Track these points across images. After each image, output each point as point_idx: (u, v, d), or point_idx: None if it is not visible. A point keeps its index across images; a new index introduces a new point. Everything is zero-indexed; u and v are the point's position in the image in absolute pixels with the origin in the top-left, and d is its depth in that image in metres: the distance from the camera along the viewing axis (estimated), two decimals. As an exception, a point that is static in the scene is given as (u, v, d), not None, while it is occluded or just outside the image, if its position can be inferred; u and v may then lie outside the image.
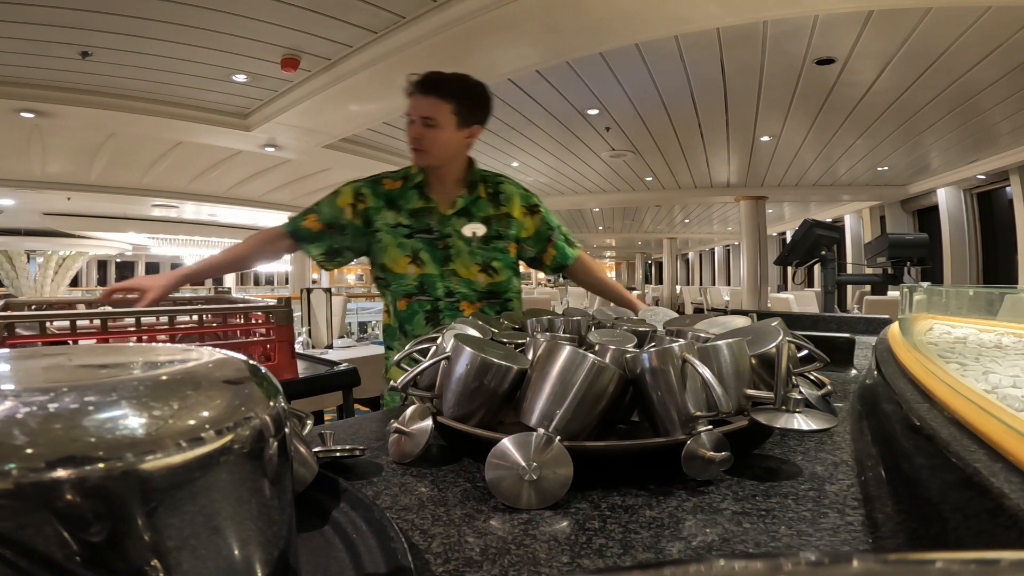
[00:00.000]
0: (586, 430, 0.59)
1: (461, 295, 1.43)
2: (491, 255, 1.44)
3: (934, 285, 1.15)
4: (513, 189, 1.50)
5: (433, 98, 1.35)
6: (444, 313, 1.43)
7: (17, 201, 8.81)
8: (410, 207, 1.42)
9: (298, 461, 0.47)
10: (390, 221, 1.41)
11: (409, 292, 1.43)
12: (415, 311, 1.43)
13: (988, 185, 8.74)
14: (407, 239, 1.41)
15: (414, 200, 1.42)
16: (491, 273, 1.44)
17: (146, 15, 3.73)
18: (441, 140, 1.36)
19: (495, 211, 1.46)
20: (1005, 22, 3.82)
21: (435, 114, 1.34)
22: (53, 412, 0.22)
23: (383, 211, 1.42)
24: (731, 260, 20.35)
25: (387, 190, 1.43)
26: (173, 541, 0.23)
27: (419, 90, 1.35)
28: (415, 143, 1.36)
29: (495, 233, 1.44)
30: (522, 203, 1.49)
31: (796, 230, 3.63)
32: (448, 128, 1.36)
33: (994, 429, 0.39)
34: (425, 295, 1.43)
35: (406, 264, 1.41)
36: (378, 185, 1.44)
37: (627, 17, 3.73)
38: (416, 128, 1.34)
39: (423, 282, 1.42)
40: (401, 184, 1.44)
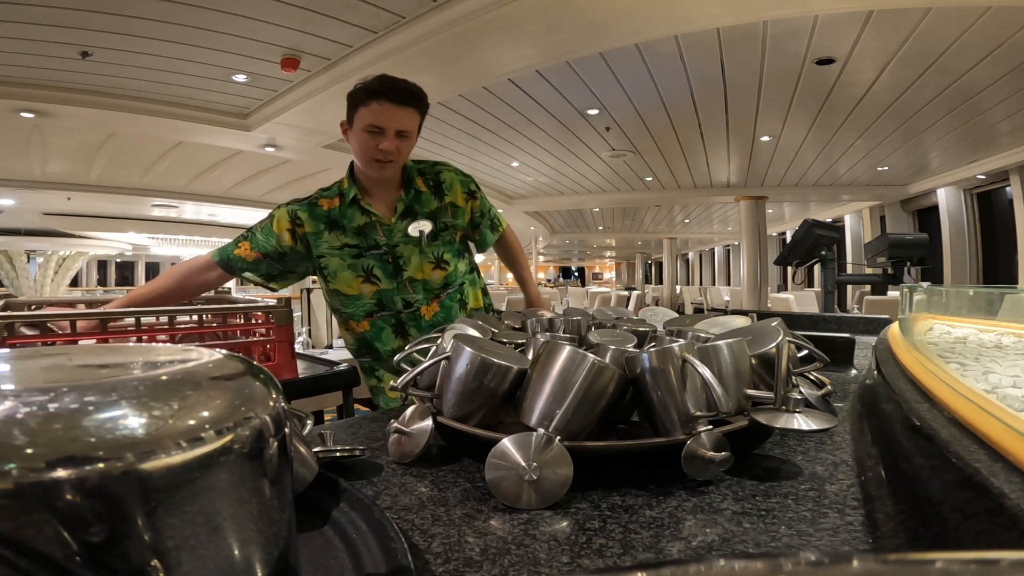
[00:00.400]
0: (586, 430, 0.59)
1: (418, 301, 1.39)
2: (441, 249, 1.39)
3: (934, 285, 1.15)
4: (453, 176, 1.43)
5: (411, 109, 1.27)
6: (408, 324, 1.39)
7: (17, 201, 8.81)
8: (354, 225, 1.34)
9: (298, 461, 0.47)
10: (335, 244, 1.34)
11: (369, 311, 1.38)
12: (380, 327, 1.39)
13: (988, 185, 8.74)
14: (356, 259, 1.35)
15: (356, 217, 1.35)
16: (443, 266, 1.40)
17: (146, 15, 3.73)
18: (409, 148, 1.31)
19: (439, 203, 1.39)
20: (1005, 22, 3.82)
21: (411, 126, 1.28)
22: (53, 412, 0.22)
23: (324, 234, 1.34)
24: (731, 260, 20.35)
25: (326, 211, 1.35)
26: (173, 541, 0.23)
27: (394, 100, 1.24)
28: (387, 156, 1.26)
29: (442, 226, 1.39)
30: (462, 189, 1.43)
31: (796, 230, 3.63)
32: (414, 139, 1.32)
33: (994, 429, 0.39)
34: (386, 311, 1.38)
35: (359, 285, 1.36)
36: (315, 207, 1.36)
37: (627, 17, 3.73)
38: (390, 142, 1.25)
39: (381, 298, 1.37)
40: (339, 201, 1.36)
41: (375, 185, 1.36)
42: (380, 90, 1.24)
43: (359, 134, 1.27)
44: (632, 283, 28.72)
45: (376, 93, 1.24)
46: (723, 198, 10.64)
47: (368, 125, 1.25)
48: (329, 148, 6.77)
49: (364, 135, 1.26)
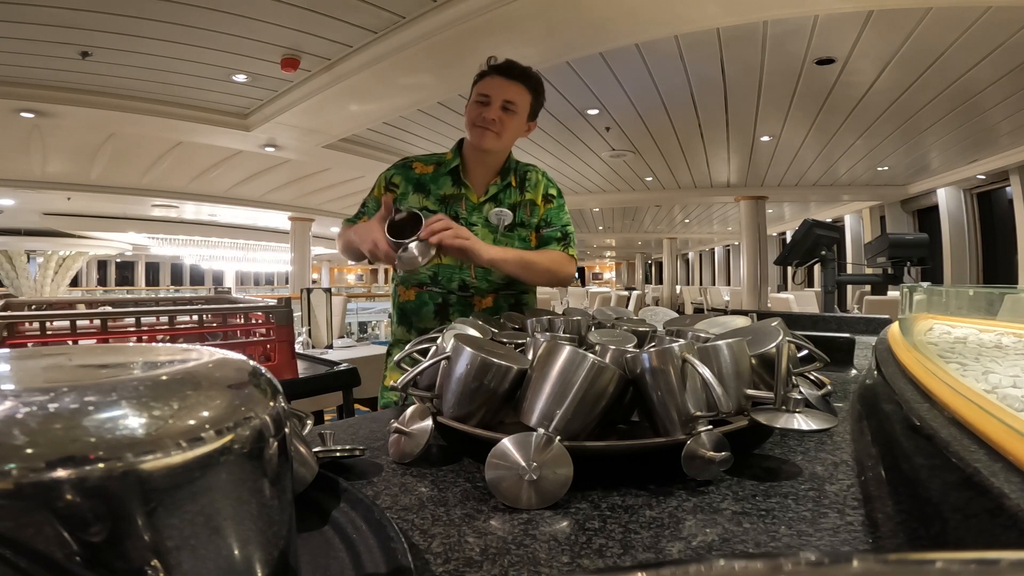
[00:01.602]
0: (586, 430, 0.59)
1: (476, 289, 1.40)
2: (515, 243, 1.41)
3: (934, 285, 1.15)
4: (540, 177, 1.48)
5: (519, 85, 1.34)
6: (454, 308, 1.40)
7: (17, 201, 8.82)
8: (441, 192, 1.39)
9: (298, 461, 0.47)
10: (415, 204, 1.37)
11: (421, 282, 1.40)
12: (424, 302, 1.40)
13: (988, 185, 8.74)
14: None
15: (447, 186, 1.39)
16: None
17: (146, 15, 3.74)
18: (514, 127, 1.36)
19: (520, 198, 1.44)
20: (1005, 22, 3.82)
21: (518, 100, 1.34)
22: (53, 412, 0.22)
23: (408, 196, 1.39)
24: (731, 260, 20.36)
25: (418, 174, 1.41)
26: (173, 541, 0.23)
27: (504, 74, 1.34)
28: (489, 124, 1.33)
29: (519, 221, 1.42)
30: (544, 190, 1.47)
31: (796, 230, 3.63)
32: (522, 117, 1.37)
33: (994, 429, 0.39)
34: (437, 287, 1.40)
35: None
36: (409, 170, 1.42)
37: (627, 17, 3.73)
38: (494, 110, 1.32)
39: (438, 272, 1.39)
40: (434, 169, 1.41)
41: (477, 164, 1.41)
42: (494, 66, 1.35)
43: (470, 105, 1.36)
44: (632, 283, 28.73)
45: (491, 68, 1.35)
46: (723, 198, 10.64)
47: (478, 94, 1.34)
48: (329, 148, 6.77)
49: (473, 105, 1.35)
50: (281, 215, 11.15)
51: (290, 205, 10.74)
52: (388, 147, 7.32)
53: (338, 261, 29.85)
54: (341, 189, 9.47)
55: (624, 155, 7.95)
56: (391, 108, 5.49)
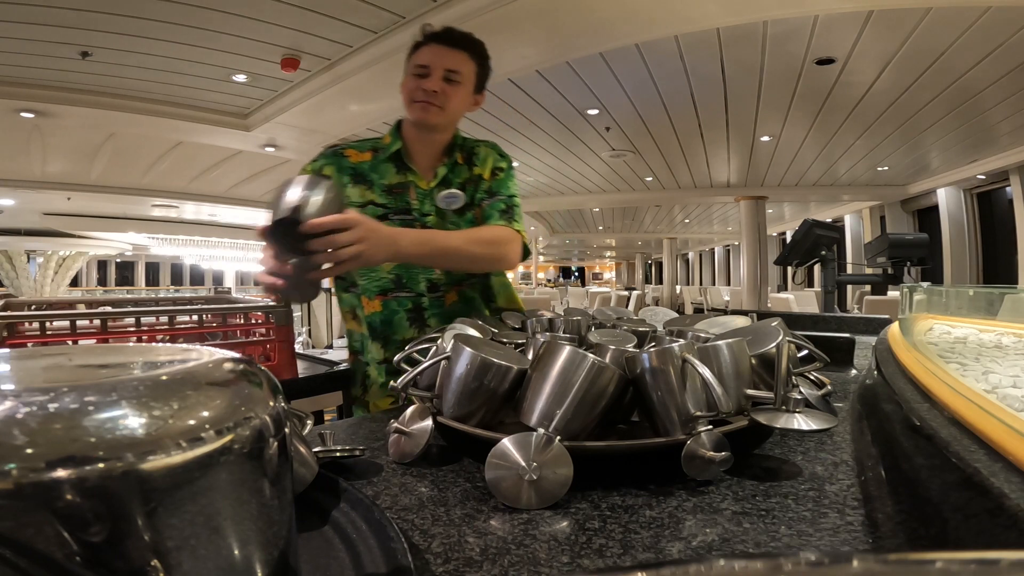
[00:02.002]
0: (586, 430, 0.59)
1: (445, 285, 1.24)
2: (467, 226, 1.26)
3: (934, 285, 1.15)
4: (489, 150, 1.32)
5: (462, 53, 1.19)
6: (429, 311, 1.24)
7: (17, 201, 8.82)
8: (385, 182, 1.21)
9: (298, 461, 0.47)
10: (357, 199, 1.19)
11: (384, 288, 1.22)
12: (394, 311, 1.23)
13: (988, 185, 8.74)
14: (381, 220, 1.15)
15: (390, 174, 1.22)
16: None
17: (146, 15, 3.74)
18: (459, 99, 1.20)
19: (469, 174, 1.28)
20: (1005, 22, 3.82)
21: (462, 69, 1.18)
22: (53, 412, 0.22)
23: (347, 188, 1.20)
24: (731, 260, 20.35)
25: (353, 164, 1.22)
26: (173, 541, 0.23)
27: (444, 41, 1.18)
28: (430, 97, 1.16)
29: (469, 199, 1.26)
30: (492, 164, 1.30)
31: (796, 230, 3.63)
32: (468, 88, 1.22)
33: (994, 429, 0.39)
34: (404, 291, 1.23)
35: None
36: (341, 158, 1.23)
37: (627, 17, 3.73)
38: (435, 81, 1.16)
39: (401, 275, 1.22)
40: (371, 156, 1.24)
41: (421, 145, 1.25)
42: (431, 34, 1.19)
43: (406, 79, 1.19)
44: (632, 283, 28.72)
45: (427, 37, 1.19)
46: (723, 198, 10.64)
47: (415, 66, 1.17)
48: (329, 148, 6.77)
49: (410, 78, 1.18)
50: (281, 215, 11.11)
51: (290, 205, 10.72)
52: (388, 147, 7.31)
53: (338, 261, 29.71)
54: (341, 189, 9.46)
55: (624, 155, 7.95)
56: (391, 108, 5.48)
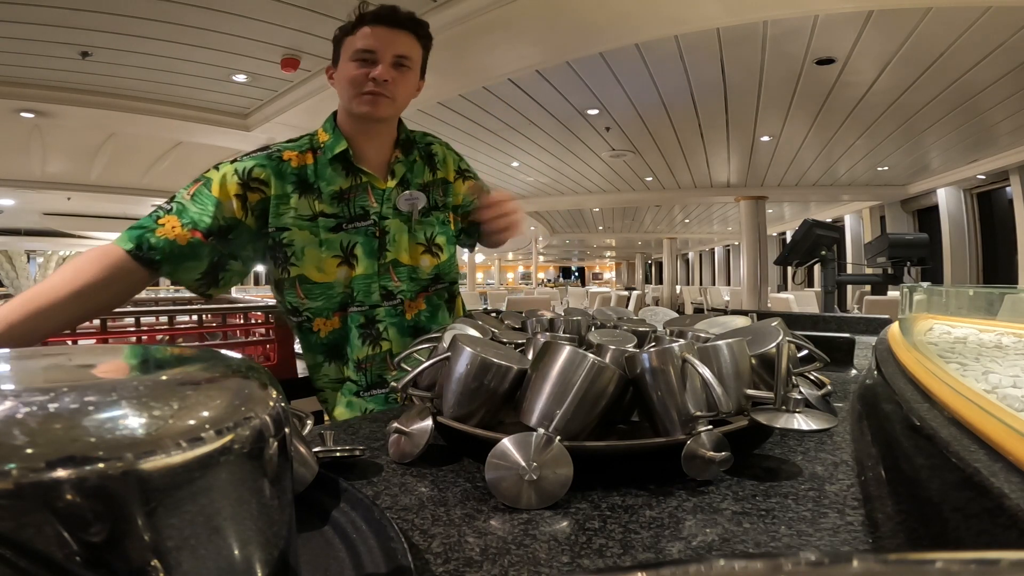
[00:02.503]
0: (586, 430, 0.59)
1: (403, 293, 1.12)
2: (434, 230, 1.16)
3: (934, 285, 1.15)
4: (445, 150, 1.23)
5: (410, 35, 1.06)
6: (384, 322, 1.11)
7: (17, 201, 8.82)
8: (333, 188, 1.07)
9: (298, 461, 0.47)
10: (305, 212, 1.04)
11: (342, 303, 1.09)
12: (353, 323, 1.10)
13: (988, 185, 8.75)
14: (333, 233, 1.06)
15: (338, 179, 1.07)
16: (436, 252, 1.16)
17: (146, 15, 3.74)
18: (408, 88, 1.08)
19: (431, 176, 1.18)
20: (1005, 22, 3.82)
21: (411, 54, 1.05)
22: (53, 412, 0.22)
23: (291, 199, 1.04)
24: (731, 260, 20.36)
25: (295, 168, 1.06)
26: (173, 541, 0.23)
27: (390, 23, 1.03)
28: (381, 87, 1.02)
29: (435, 203, 1.17)
30: (454, 166, 1.23)
31: (796, 230, 3.63)
32: (415, 75, 1.09)
33: (994, 429, 0.39)
34: (356, 305, 1.10)
35: (334, 268, 1.07)
36: (281, 163, 1.05)
37: (627, 17, 3.73)
38: (386, 68, 1.02)
39: (354, 288, 1.09)
40: (312, 158, 1.08)
41: (367, 141, 1.11)
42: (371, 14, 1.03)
43: (346, 66, 1.04)
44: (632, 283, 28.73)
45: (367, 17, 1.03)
46: (723, 198, 10.65)
47: (357, 51, 1.02)
48: (329, 148, 6.77)
49: (352, 65, 1.03)
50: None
51: (290, 205, 10.73)
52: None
53: (338, 261, 29.71)
54: (341, 189, 9.47)
55: (624, 155, 7.96)
56: (391, 108, 5.49)
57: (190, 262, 0.97)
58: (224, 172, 1.01)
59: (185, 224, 0.96)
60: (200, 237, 0.96)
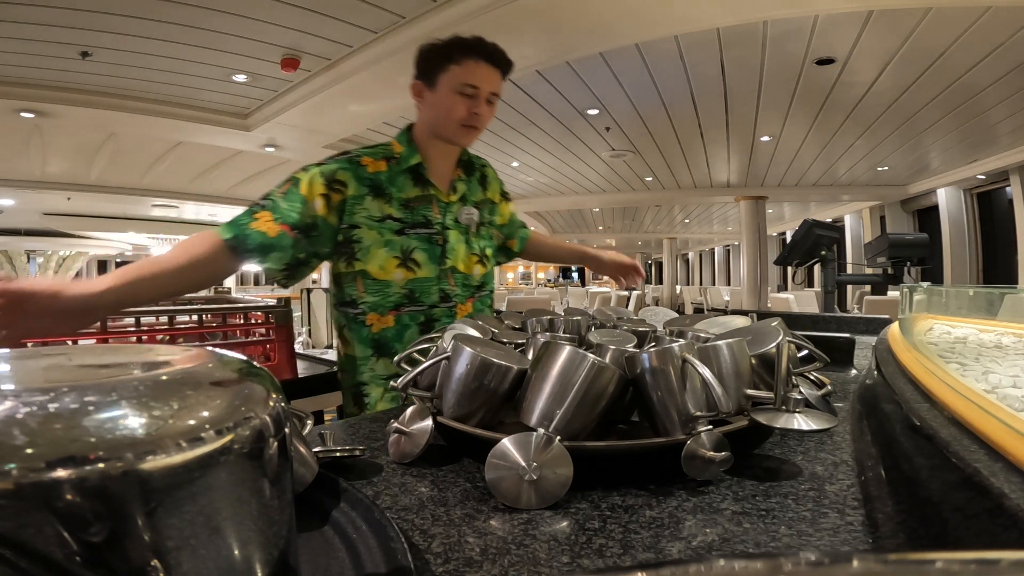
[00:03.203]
0: (586, 430, 0.59)
1: (457, 296, 1.23)
2: (484, 242, 1.29)
3: (934, 285, 1.15)
4: (493, 173, 1.37)
5: (499, 74, 1.17)
6: (440, 322, 1.20)
7: (17, 201, 8.82)
8: (404, 196, 1.16)
9: (298, 461, 0.47)
10: (376, 214, 1.13)
11: (397, 303, 1.17)
12: (406, 325, 1.18)
13: (988, 185, 8.74)
14: (397, 236, 1.15)
15: (408, 188, 1.17)
16: (485, 262, 1.29)
17: (146, 15, 3.74)
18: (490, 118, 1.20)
19: (483, 195, 1.31)
20: (1005, 22, 3.82)
21: (499, 91, 1.17)
22: (53, 412, 0.22)
23: (366, 200, 1.13)
24: (731, 260, 20.36)
25: (371, 173, 1.15)
26: (173, 541, 0.23)
27: (492, 61, 1.13)
28: (480, 122, 1.15)
29: (483, 219, 1.29)
30: (499, 188, 1.37)
31: (796, 230, 3.63)
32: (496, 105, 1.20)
33: (994, 429, 0.39)
34: (416, 304, 1.18)
35: (394, 268, 1.15)
36: (358, 167, 1.14)
37: (627, 17, 3.73)
38: (482, 104, 1.14)
39: (414, 289, 1.17)
40: (387, 166, 1.17)
41: (440, 159, 1.22)
42: (477, 47, 1.12)
43: (448, 95, 1.12)
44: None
45: (473, 50, 1.12)
46: (723, 198, 10.64)
47: (463, 84, 1.11)
48: (329, 148, 6.76)
49: (455, 97, 1.12)
50: (281, 215, 11.13)
51: (290, 205, 10.72)
52: (388, 147, 7.32)
53: (338, 261, 29.69)
54: (341, 189, 9.47)
55: (624, 155, 7.95)
56: (391, 108, 5.49)
57: (276, 252, 1.07)
58: (312, 174, 1.11)
59: (276, 219, 1.07)
60: (287, 231, 1.07)
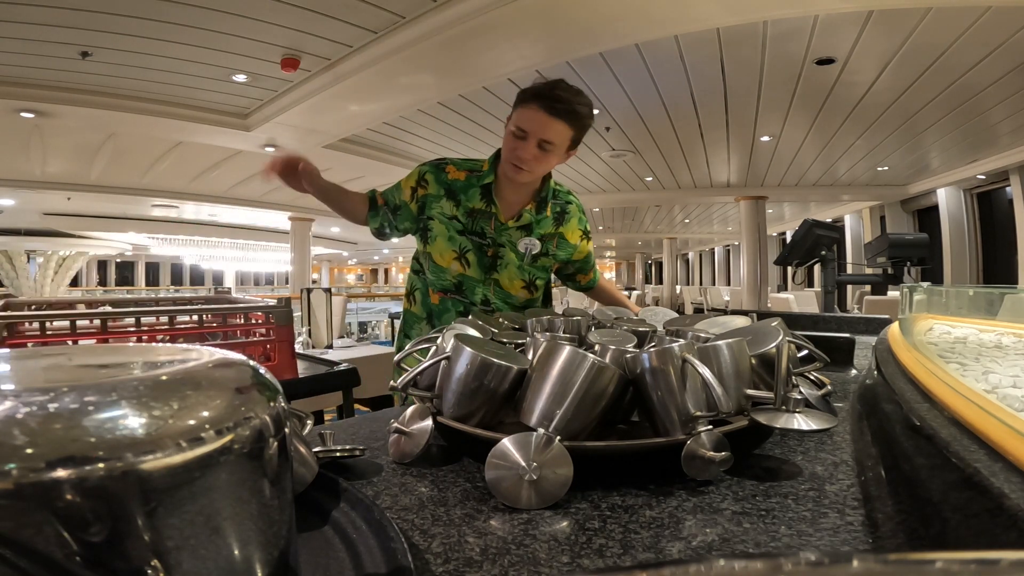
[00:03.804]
0: (586, 430, 0.59)
1: (496, 306, 1.41)
2: (537, 273, 1.43)
3: (934, 285, 1.15)
4: (576, 211, 1.48)
5: (562, 123, 1.24)
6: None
7: (17, 201, 8.82)
8: (470, 205, 1.37)
9: (298, 461, 0.47)
10: (447, 212, 1.37)
11: (446, 288, 1.41)
12: (447, 308, 1.42)
13: (988, 185, 8.75)
14: (459, 234, 1.38)
15: (475, 199, 1.37)
16: (532, 291, 1.43)
17: (146, 15, 3.74)
18: (550, 164, 1.31)
19: (553, 230, 1.43)
20: (1005, 22, 3.82)
21: (556, 140, 1.25)
22: (53, 412, 0.22)
23: (441, 200, 1.38)
24: (731, 260, 20.36)
25: (450, 179, 1.38)
26: (173, 541, 0.23)
27: (548, 110, 1.22)
28: (523, 163, 1.26)
29: (545, 251, 1.42)
30: (579, 227, 1.48)
31: (796, 230, 3.63)
32: (561, 151, 1.29)
33: (994, 429, 0.39)
34: (461, 296, 1.41)
35: (451, 260, 1.38)
36: (441, 172, 1.39)
37: (627, 17, 3.73)
38: (530, 149, 1.24)
39: (463, 282, 1.39)
40: (465, 177, 1.38)
41: (510, 185, 1.36)
42: (538, 94, 1.23)
43: (507, 134, 1.28)
44: (632, 283, 28.72)
45: (534, 96, 1.23)
46: (723, 198, 10.64)
47: (515, 127, 1.25)
48: (329, 148, 6.77)
49: (509, 136, 1.27)
50: (281, 215, 11.14)
51: (290, 205, 10.74)
52: (388, 147, 7.32)
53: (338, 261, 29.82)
54: (341, 189, 9.47)
55: (624, 155, 7.95)
56: (391, 108, 5.49)
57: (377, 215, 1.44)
58: (412, 172, 1.43)
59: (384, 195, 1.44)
60: (382, 203, 1.43)
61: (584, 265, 1.54)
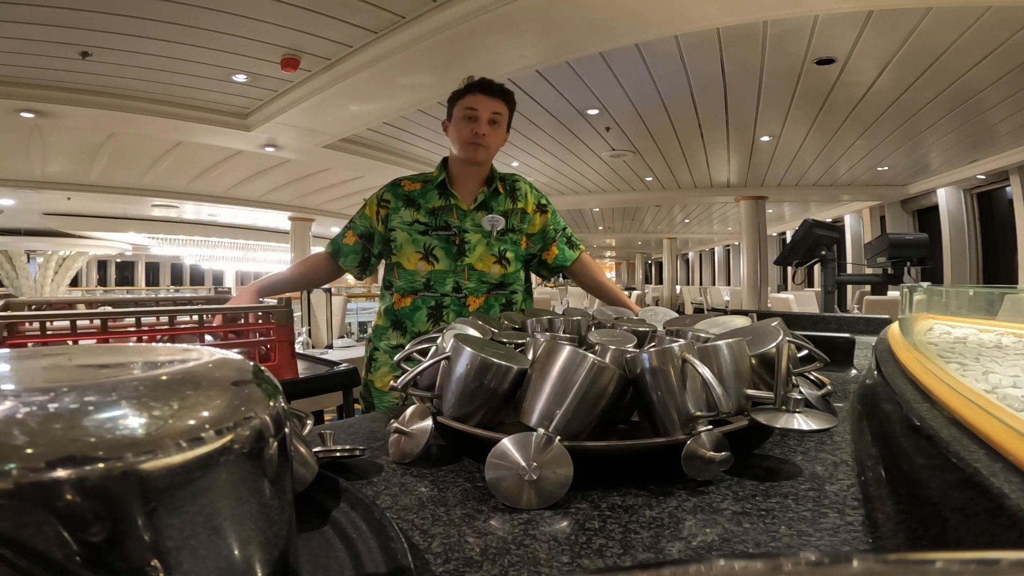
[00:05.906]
0: (586, 430, 0.59)
1: (469, 290, 1.48)
2: (505, 246, 1.51)
3: (934, 285, 1.15)
4: (527, 187, 1.60)
5: (499, 101, 1.46)
6: (448, 309, 1.47)
7: (17, 201, 8.81)
8: (430, 205, 1.49)
9: (298, 461, 0.47)
10: (406, 219, 1.48)
11: (415, 289, 1.48)
12: (417, 307, 1.48)
13: (988, 185, 8.74)
14: (421, 236, 1.47)
15: (434, 199, 1.49)
16: (504, 264, 1.51)
17: (146, 15, 3.73)
18: (499, 138, 1.49)
19: (512, 206, 1.54)
20: (1005, 22, 3.82)
21: (503, 113, 1.47)
22: (53, 412, 0.22)
23: (401, 210, 1.49)
24: (731, 260, 20.35)
25: (406, 191, 1.51)
26: (173, 541, 0.23)
27: (486, 92, 1.45)
28: (480, 139, 1.43)
29: (510, 226, 1.52)
30: (534, 200, 1.59)
31: (796, 230, 3.63)
32: (504, 129, 1.50)
33: (994, 429, 0.39)
34: (430, 291, 1.48)
35: (417, 261, 1.47)
36: (398, 187, 1.53)
37: (627, 17, 3.73)
38: (483, 124, 1.43)
39: (431, 279, 1.47)
40: (421, 186, 1.52)
41: (463, 176, 1.51)
42: (473, 85, 1.46)
43: (457, 122, 1.46)
44: (632, 283, 28.72)
45: (469, 88, 1.46)
46: (723, 198, 10.63)
47: (465, 109, 1.44)
48: (329, 148, 6.77)
49: (461, 121, 1.45)
50: (281, 215, 11.14)
51: (290, 205, 10.74)
52: (388, 147, 7.32)
53: (338, 261, 29.68)
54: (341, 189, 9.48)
55: (624, 155, 7.95)
56: (391, 108, 5.48)
57: (352, 255, 1.55)
58: (372, 197, 1.54)
59: (353, 232, 1.55)
60: (357, 239, 1.55)
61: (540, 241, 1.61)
